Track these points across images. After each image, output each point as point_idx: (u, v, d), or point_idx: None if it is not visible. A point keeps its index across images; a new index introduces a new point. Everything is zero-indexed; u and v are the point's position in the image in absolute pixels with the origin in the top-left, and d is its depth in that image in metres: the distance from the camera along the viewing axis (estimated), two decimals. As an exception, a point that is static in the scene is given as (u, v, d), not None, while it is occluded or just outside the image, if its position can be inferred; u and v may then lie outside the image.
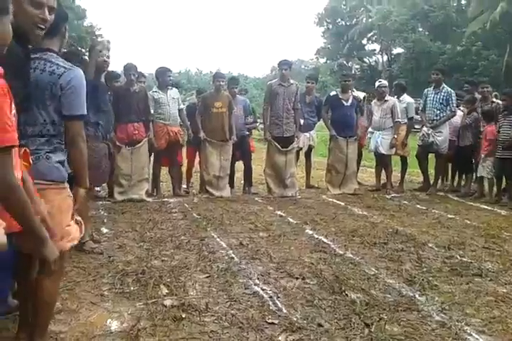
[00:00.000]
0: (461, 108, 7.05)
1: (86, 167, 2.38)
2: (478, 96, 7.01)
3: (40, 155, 2.16)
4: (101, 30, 31.72)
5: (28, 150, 1.91)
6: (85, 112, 2.28)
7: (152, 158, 6.77)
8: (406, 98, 7.45)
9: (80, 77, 2.22)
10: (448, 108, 6.86)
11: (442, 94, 6.88)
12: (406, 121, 7.27)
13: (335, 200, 6.58)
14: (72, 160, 2.31)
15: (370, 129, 7.45)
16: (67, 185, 2.30)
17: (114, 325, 2.69)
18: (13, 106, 1.69)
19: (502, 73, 22.42)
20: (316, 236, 4.67)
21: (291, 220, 5.34)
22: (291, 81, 6.83)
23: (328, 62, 43.22)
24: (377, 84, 7.29)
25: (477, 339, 2.58)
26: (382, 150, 7.18)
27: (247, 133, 7.33)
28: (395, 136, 7.05)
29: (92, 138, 3.61)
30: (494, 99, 6.92)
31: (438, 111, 6.91)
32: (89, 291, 3.19)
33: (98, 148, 3.82)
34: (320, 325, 2.70)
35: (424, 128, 6.99)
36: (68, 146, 2.27)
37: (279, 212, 5.75)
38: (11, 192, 1.60)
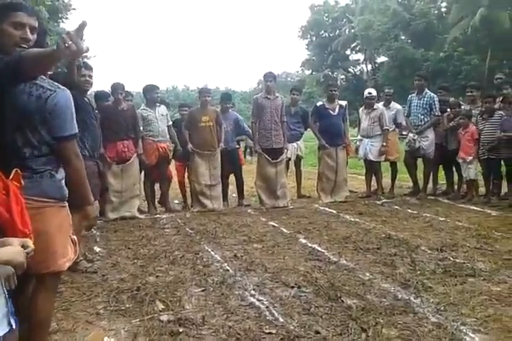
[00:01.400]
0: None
1: (86, 184, 2.38)
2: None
3: (44, 173, 2.17)
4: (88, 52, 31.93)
5: (19, 172, 1.92)
6: (76, 130, 2.27)
7: (143, 175, 6.79)
8: (395, 105, 7.61)
9: (66, 98, 2.20)
10: (432, 113, 6.95)
11: (425, 99, 6.99)
12: (394, 127, 7.39)
13: (327, 208, 6.61)
14: (71, 179, 2.30)
15: (358, 137, 7.53)
16: (66, 203, 2.31)
17: (111, 343, 2.68)
18: None
19: (485, 77, 22.72)
20: (309, 244, 4.68)
21: (284, 230, 5.35)
22: (277, 94, 6.91)
23: (313, 73, 43.59)
24: (366, 94, 7.34)
25: (473, 338, 2.59)
26: (372, 157, 7.25)
27: (237, 146, 7.39)
28: (384, 144, 7.13)
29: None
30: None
31: (422, 117, 7.00)
32: (84, 310, 3.17)
33: (86, 166, 3.81)
34: (317, 332, 2.71)
35: (410, 134, 7.09)
36: (65, 166, 2.27)
37: (272, 223, 5.76)
38: None
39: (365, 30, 33.63)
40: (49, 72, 2.63)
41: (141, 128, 6.39)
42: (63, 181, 2.27)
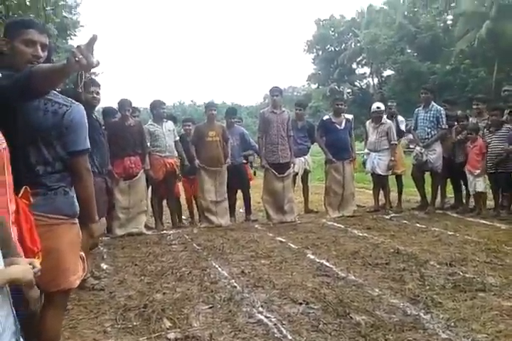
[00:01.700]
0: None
1: (94, 202, 2.39)
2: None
3: (58, 190, 2.19)
4: (95, 69, 32.21)
5: (28, 189, 1.93)
6: (89, 146, 2.30)
7: (150, 191, 6.81)
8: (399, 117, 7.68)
9: (81, 113, 2.23)
10: (438, 126, 6.93)
11: (432, 112, 6.97)
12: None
13: (335, 223, 6.57)
14: (80, 195, 2.31)
15: (365, 150, 7.53)
16: (77, 220, 2.32)
17: (118, 361, 2.66)
18: (1, 138, 1.71)
19: (492, 90, 22.69)
20: (317, 260, 4.65)
21: (292, 245, 5.32)
22: (283, 108, 6.95)
23: (319, 87, 43.71)
24: (374, 108, 7.32)
25: (485, 355, 2.55)
26: (380, 171, 7.23)
27: (244, 161, 7.40)
28: (392, 158, 7.12)
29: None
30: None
31: (429, 130, 6.98)
32: (91, 328, 3.16)
33: (94, 182, 3.83)
34: (326, 350, 2.68)
35: (417, 148, 7.06)
36: (75, 182, 2.29)
37: (279, 238, 5.74)
38: None
39: (371, 43, 33.78)
40: (57, 89, 2.66)
41: (148, 143, 6.43)
42: (75, 198, 2.29)
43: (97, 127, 4.16)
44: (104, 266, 4.80)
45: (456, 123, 6.99)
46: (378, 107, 7.34)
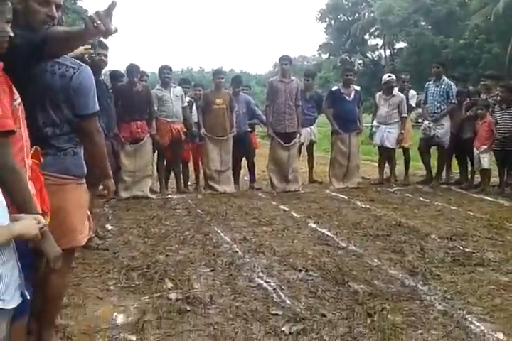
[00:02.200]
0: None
1: (107, 160, 2.49)
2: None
3: (67, 151, 2.21)
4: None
5: (38, 149, 1.94)
6: (98, 108, 2.31)
7: (156, 156, 6.83)
8: (411, 91, 7.58)
9: (89, 76, 2.23)
10: (448, 100, 6.86)
11: (443, 86, 6.88)
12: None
13: (338, 194, 6.61)
14: (93, 155, 2.39)
15: (375, 123, 7.47)
16: (84, 180, 2.35)
17: (120, 319, 2.74)
18: (16, 95, 1.72)
19: (505, 66, 22.30)
20: (319, 229, 4.70)
21: (294, 214, 5.37)
22: (292, 77, 6.87)
23: (330, 57, 43.04)
24: (385, 78, 7.24)
25: (479, 326, 2.60)
26: (389, 144, 7.19)
27: (250, 129, 7.37)
28: (403, 131, 7.08)
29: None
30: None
31: (439, 104, 6.90)
32: (95, 286, 3.24)
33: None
34: (323, 316, 2.74)
35: (426, 122, 7.00)
36: (86, 143, 2.32)
37: (282, 207, 5.78)
38: (10, 173, 1.62)
39: (385, 14, 33.04)
40: None
41: (156, 108, 6.40)
42: (83, 159, 2.32)
43: (104, 90, 4.15)
44: (109, 226, 4.88)
45: (468, 99, 6.90)
46: (390, 76, 7.27)
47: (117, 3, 1.71)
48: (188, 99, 6.90)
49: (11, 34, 1.65)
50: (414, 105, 7.67)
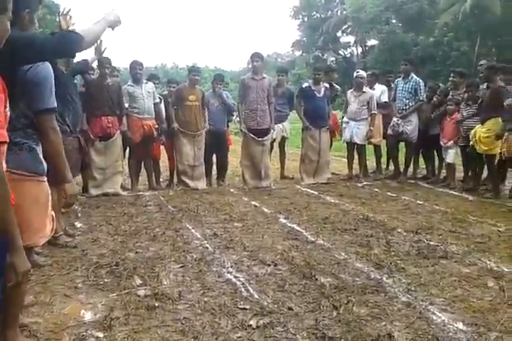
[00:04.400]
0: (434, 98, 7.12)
1: (64, 161, 2.38)
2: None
3: (23, 146, 2.18)
4: (75, 26, 31.07)
5: None
6: (55, 105, 2.29)
7: (127, 152, 6.78)
8: (379, 86, 7.65)
9: (46, 70, 2.21)
10: (416, 97, 6.99)
11: (411, 83, 7.01)
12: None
13: (308, 190, 6.68)
14: (47, 154, 2.31)
15: (345, 119, 7.55)
16: (45, 178, 2.32)
17: (88, 316, 2.73)
18: (7, 103, 1.71)
19: (473, 64, 22.79)
20: (289, 224, 4.76)
21: (265, 210, 5.42)
22: (264, 74, 6.91)
23: (303, 54, 43.31)
24: (355, 74, 7.35)
25: (440, 317, 2.68)
26: (357, 140, 7.29)
27: (225, 128, 7.37)
28: (371, 128, 7.18)
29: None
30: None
31: (407, 101, 7.03)
32: (62, 284, 3.22)
33: (66, 142, 3.81)
34: (290, 309, 2.78)
35: (394, 118, 7.12)
36: (42, 139, 2.27)
37: (253, 202, 5.82)
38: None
39: (357, 12, 33.41)
40: None
41: (127, 104, 6.35)
42: (41, 155, 2.28)
43: (70, 85, 4.08)
44: (78, 224, 4.83)
45: (436, 96, 7.01)
46: (358, 71, 7.42)
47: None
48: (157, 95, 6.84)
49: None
50: (387, 100, 7.64)
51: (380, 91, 7.55)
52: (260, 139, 6.87)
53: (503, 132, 5.59)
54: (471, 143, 6.11)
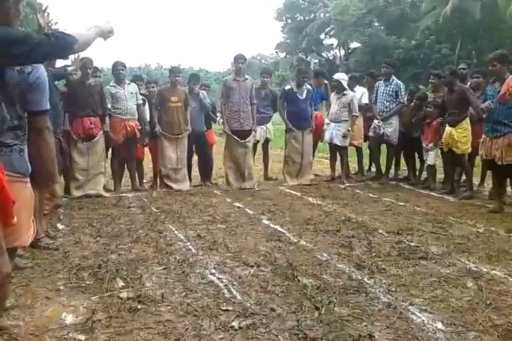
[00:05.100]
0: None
1: (55, 161, 2.42)
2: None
3: (14, 148, 2.17)
4: (57, 25, 30.70)
5: None
6: (49, 106, 2.36)
7: (110, 153, 6.74)
8: (359, 88, 7.71)
9: (44, 74, 2.28)
10: (397, 100, 7.08)
11: (392, 86, 7.10)
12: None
13: (291, 191, 6.71)
14: (42, 154, 2.34)
15: (326, 121, 7.60)
16: (29, 179, 2.31)
17: (69, 319, 2.71)
18: None
19: (454, 66, 23.12)
20: (272, 225, 4.78)
21: (248, 211, 5.43)
22: (246, 76, 6.94)
23: (287, 56, 43.52)
24: (336, 77, 7.38)
25: (419, 317, 2.72)
26: (337, 142, 7.34)
27: (205, 129, 7.34)
28: (349, 128, 7.24)
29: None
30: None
31: (388, 103, 7.11)
32: (44, 287, 3.19)
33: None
34: (272, 310, 2.80)
35: (375, 121, 7.19)
36: (37, 141, 2.29)
37: (237, 204, 5.83)
38: None
39: (340, 14, 33.64)
40: None
41: (109, 105, 6.33)
42: (27, 157, 2.29)
43: (51, 87, 4.06)
44: (60, 226, 4.79)
45: (415, 99, 7.09)
46: (339, 75, 7.47)
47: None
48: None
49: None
50: (367, 102, 7.69)
51: (360, 93, 7.59)
52: (243, 141, 6.89)
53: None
54: (444, 148, 6.23)
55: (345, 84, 7.26)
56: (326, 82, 7.79)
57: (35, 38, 1.94)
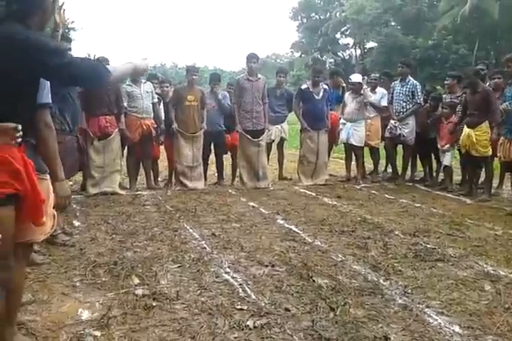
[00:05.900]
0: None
1: (57, 159, 2.35)
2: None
3: (26, 143, 2.16)
4: (74, 24, 30.93)
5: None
6: (49, 101, 2.32)
7: (126, 152, 6.78)
8: (380, 90, 7.59)
9: None
10: (414, 100, 7.01)
11: (408, 86, 7.02)
12: (376, 114, 7.41)
13: (306, 191, 6.69)
14: (41, 149, 2.29)
15: (342, 120, 7.55)
16: (48, 176, 2.31)
17: (85, 315, 2.73)
18: None
19: (473, 67, 22.88)
20: (286, 225, 4.77)
21: (263, 211, 5.42)
22: (259, 75, 6.93)
23: (302, 56, 43.41)
24: (353, 79, 7.31)
25: (436, 319, 2.69)
26: (354, 142, 7.30)
27: (221, 128, 7.31)
28: (368, 133, 7.19)
29: (57, 131, 3.61)
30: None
31: (404, 104, 7.04)
32: (60, 283, 3.22)
33: (65, 140, 3.82)
34: (287, 310, 2.79)
35: (392, 121, 7.12)
36: (37, 136, 2.27)
37: (251, 203, 5.83)
38: None
39: (356, 14, 33.48)
40: None
41: (125, 104, 6.36)
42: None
43: None
44: (76, 223, 4.83)
45: (429, 101, 7.02)
46: (350, 78, 7.40)
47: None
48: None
49: None
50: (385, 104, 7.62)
51: (380, 95, 7.50)
52: (256, 140, 6.88)
53: (498, 136, 5.64)
54: (462, 149, 6.15)
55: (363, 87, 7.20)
56: (344, 85, 7.68)
57: (69, 54, 1.96)
